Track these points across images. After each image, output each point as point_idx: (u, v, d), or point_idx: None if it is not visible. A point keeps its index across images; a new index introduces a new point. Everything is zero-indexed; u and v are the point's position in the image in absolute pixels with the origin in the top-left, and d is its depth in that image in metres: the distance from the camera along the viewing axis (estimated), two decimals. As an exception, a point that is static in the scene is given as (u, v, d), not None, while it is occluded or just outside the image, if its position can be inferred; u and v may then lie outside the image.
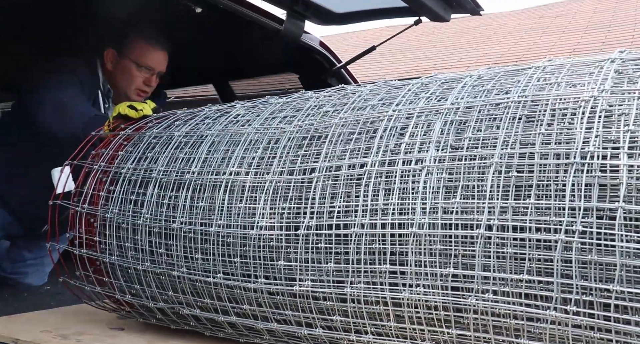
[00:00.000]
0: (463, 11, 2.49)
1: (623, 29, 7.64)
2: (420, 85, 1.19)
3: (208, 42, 2.79)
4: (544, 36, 8.28)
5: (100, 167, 1.51)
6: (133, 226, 1.40)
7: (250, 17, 2.43)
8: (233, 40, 2.77)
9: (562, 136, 0.87)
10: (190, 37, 2.66)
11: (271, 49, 2.69)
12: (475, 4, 2.42)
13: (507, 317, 0.89)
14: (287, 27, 2.51)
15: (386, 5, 2.57)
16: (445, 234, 0.95)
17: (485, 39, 8.97)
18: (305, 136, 1.24)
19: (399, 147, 1.06)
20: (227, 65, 3.22)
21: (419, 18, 2.51)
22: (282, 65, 3.14)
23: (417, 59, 8.50)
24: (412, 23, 2.57)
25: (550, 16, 9.66)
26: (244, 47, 2.80)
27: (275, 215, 1.19)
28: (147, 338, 1.43)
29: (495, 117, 0.98)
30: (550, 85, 0.96)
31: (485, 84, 1.09)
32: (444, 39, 9.48)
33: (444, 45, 9.11)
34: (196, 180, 1.33)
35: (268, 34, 2.55)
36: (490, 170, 0.91)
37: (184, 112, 1.66)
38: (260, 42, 2.66)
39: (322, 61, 2.87)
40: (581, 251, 0.81)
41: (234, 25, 2.57)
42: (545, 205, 0.86)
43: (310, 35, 2.79)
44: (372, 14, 2.68)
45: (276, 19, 2.55)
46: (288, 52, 2.75)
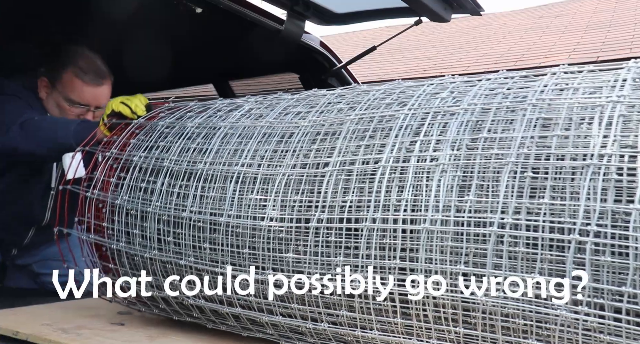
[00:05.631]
0: (463, 11, 2.50)
1: (623, 29, 7.64)
2: (436, 86, 1.20)
3: (208, 42, 2.79)
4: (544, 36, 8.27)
5: (112, 153, 1.52)
6: (142, 214, 1.41)
7: (250, 17, 2.43)
8: (233, 40, 2.77)
9: (580, 140, 0.87)
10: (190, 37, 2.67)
11: (271, 48, 2.69)
12: (475, 4, 2.42)
13: (516, 317, 0.89)
14: (288, 27, 2.52)
15: (386, 5, 2.57)
16: (457, 231, 0.95)
17: (485, 39, 8.96)
18: (319, 131, 1.24)
19: (414, 145, 1.06)
20: (227, 65, 3.22)
21: (419, 18, 2.52)
22: (282, 65, 3.15)
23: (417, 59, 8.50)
24: (412, 23, 2.57)
25: (550, 16, 9.65)
26: (244, 47, 2.79)
27: (280, 207, 1.19)
28: (148, 333, 1.43)
29: (511, 120, 0.98)
30: (568, 90, 0.96)
31: (501, 87, 1.09)
32: (444, 39, 9.48)
33: (444, 45, 9.11)
34: (208, 170, 1.33)
35: (268, 34, 2.55)
36: (505, 170, 0.91)
37: (195, 104, 1.66)
38: (260, 42, 2.65)
39: (322, 61, 2.88)
40: (594, 253, 0.81)
41: (234, 25, 2.57)
42: (559, 206, 0.86)
43: (310, 35, 2.80)
44: (372, 14, 2.68)
45: (276, 19, 2.56)
46: (288, 52, 2.75)
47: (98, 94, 1.99)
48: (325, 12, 2.63)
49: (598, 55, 6.64)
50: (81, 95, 1.97)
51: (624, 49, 6.67)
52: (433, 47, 9.10)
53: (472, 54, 8.11)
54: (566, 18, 9.19)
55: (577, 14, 9.28)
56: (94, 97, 1.98)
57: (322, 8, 2.58)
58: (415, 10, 2.43)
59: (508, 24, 9.70)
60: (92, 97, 1.98)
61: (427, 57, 8.47)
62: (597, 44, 7.15)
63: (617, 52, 6.62)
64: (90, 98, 1.97)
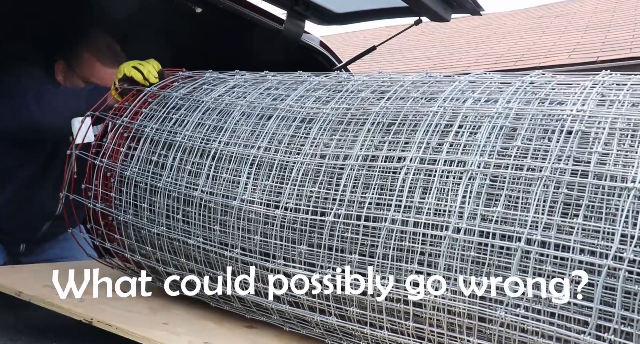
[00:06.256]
0: (463, 11, 2.48)
1: (623, 29, 7.60)
2: (468, 83, 1.15)
3: (208, 42, 2.76)
4: (544, 36, 8.26)
5: (123, 121, 1.48)
6: (151, 188, 1.38)
7: (250, 17, 2.40)
8: (233, 40, 2.74)
9: (620, 158, 0.84)
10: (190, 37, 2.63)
11: (271, 49, 2.66)
12: (475, 4, 2.40)
13: (536, 335, 0.88)
14: (287, 27, 2.50)
15: (386, 5, 2.55)
16: (482, 242, 0.93)
17: (485, 39, 8.95)
18: (342, 120, 1.20)
19: (442, 146, 1.03)
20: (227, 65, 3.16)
21: (419, 18, 2.49)
22: (282, 65, 3.10)
23: (417, 59, 8.49)
24: (412, 23, 2.55)
25: (550, 16, 9.61)
26: (244, 47, 2.76)
27: (295, 197, 1.15)
28: (150, 305, 1.42)
29: (547, 129, 0.95)
30: (611, 102, 0.92)
31: (538, 92, 1.05)
32: (444, 39, 9.45)
33: (444, 45, 9.10)
34: (222, 150, 1.29)
35: (268, 34, 2.53)
36: (538, 183, 0.88)
37: (212, 75, 1.62)
38: (260, 42, 2.63)
39: (322, 61, 2.85)
40: (626, 280, 0.79)
41: (234, 25, 2.54)
42: (594, 227, 0.83)
43: (310, 35, 2.77)
44: (372, 14, 2.66)
45: (276, 19, 2.53)
46: (288, 52, 2.72)
47: (110, 73, 1.97)
48: (325, 12, 2.60)
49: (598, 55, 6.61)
50: (99, 76, 1.98)
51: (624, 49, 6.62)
52: (433, 47, 9.06)
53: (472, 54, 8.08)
54: (566, 18, 9.13)
55: (577, 14, 9.21)
56: (106, 76, 1.98)
57: (322, 8, 2.55)
58: (415, 10, 2.41)
59: (508, 24, 9.65)
60: (109, 78, 1.96)
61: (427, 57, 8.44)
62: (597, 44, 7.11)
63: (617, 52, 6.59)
64: (107, 80, 1.97)
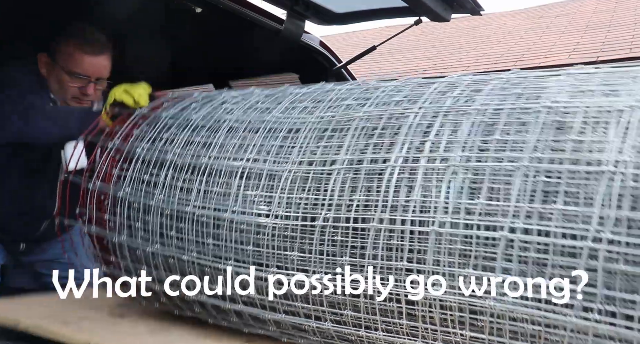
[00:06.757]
0: (463, 11, 2.49)
1: (623, 29, 7.64)
2: (447, 85, 1.18)
3: (208, 42, 2.78)
4: (544, 36, 8.28)
5: (115, 144, 1.50)
6: (144, 207, 1.39)
7: (250, 17, 2.43)
8: (233, 40, 2.77)
9: (595, 145, 0.86)
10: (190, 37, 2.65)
11: (271, 48, 2.68)
12: (475, 4, 2.42)
13: (525, 322, 0.89)
14: (287, 27, 2.52)
15: (386, 5, 2.57)
16: (467, 234, 0.94)
17: (485, 39, 8.96)
18: (327, 127, 1.23)
19: (424, 145, 1.05)
20: (227, 65, 3.21)
21: (419, 18, 2.51)
22: (282, 65, 3.14)
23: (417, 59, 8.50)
24: (412, 23, 2.57)
25: (550, 16, 9.65)
26: (244, 47, 2.79)
27: (285, 205, 1.17)
28: (149, 327, 1.42)
29: (524, 122, 0.97)
30: (584, 93, 0.95)
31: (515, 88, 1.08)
32: (444, 39, 9.47)
33: (444, 45, 9.11)
34: (212, 164, 1.31)
35: (268, 34, 2.55)
36: (517, 173, 0.90)
37: (200, 94, 1.65)
38: (260, 42, 2.65)
39: (322, 61, 2.88)
40: (607, 260, 0.80)
41: (234, 25, 2.56)
42: (572, 212, 0.85)
43: (310, 35, 2.79)
44: (372, 14, 2.68)
45: (276, 19, 2.55)
46: (288, 52, 2.74)
47: (97, 64, 2.01)
48: (325, 12, 2.62)
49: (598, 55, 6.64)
50: (81, 65, 1.99)
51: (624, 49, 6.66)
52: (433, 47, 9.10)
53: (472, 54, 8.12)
54: (566, 18, 9.18)
55: (577, 14, 9.27)
56: (94, 67, 2.00)
57: (322, 8, 2.57)
58: (415, 9, 2.43)
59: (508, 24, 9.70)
60: (91, 67, 2.00)
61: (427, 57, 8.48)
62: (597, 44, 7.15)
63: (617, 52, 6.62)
64: (90, 68, 1.99)
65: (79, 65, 1.98)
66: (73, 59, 1.98)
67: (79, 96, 2.02)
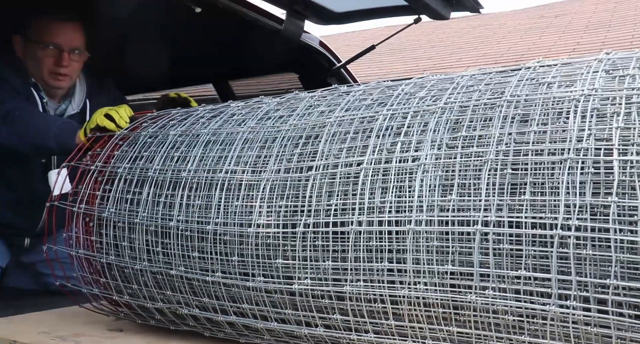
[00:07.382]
0: (463, 9, 2.49)
1: (623, 29, 7.64)
2: (414, 85, 1.20)
3: (208, 42, 2.78)
4: (544, 36, 8.28)
5: (97, 166, 1.51)
6: (129, 226, 1.40)
7: (250, 17, 2.42)
8: (233, 40, 2.77)
9: (557, 135, 0.88)
10: (190, 36, 2.65)
11: (271, 48, 2.68)
12: (475, 2, 2.41)
13: (506, 314, 0.90)
14: (287, 27, 2.51)
15: (386, 3, 2.57)
16: (443, 231, 0.96)
17: (485, 39, 8.96)
18: (302, 135, 1.24)
19: (395, 146, 1.06)
20: (227, 65, 3.21)
21: (418, 16, 2.51)
22: (282, 65, 3.14)
23: (416, 59, 8.50)
24: (411, 22, 2.57)
25: (550, 16, 9.64)
26: (244, 47, 2.79)
27: (273, 213, 1.19)
28: (146, 340, 1.43)
29: (489, 117, 0.98)
30: (543, 85, 0.96)
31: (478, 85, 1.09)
32: (444, 39, 9.47)
33: (444, 45, 9.10)
34: (192, 178, 1.33)
35: (268, 34, 2.55)
36: (485, 168, 0.91)
37: (178, 112, 1.66)
38: (260, 42, 2.65)
39: (322, 61, 2.88)
40: (576, 247, 0.82)
41: (234, 25, 2.56)
42: (540, 201, 0.86)
43: (310, 35, 2.79)
44: (372, 12, 2.68)
45: (276, 18, 2.55)
46: (288, 52, 2.74)
47: (67, 31, 2.01)
48: (324, 12, 2.62)
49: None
50: (51, 32, 1.99)
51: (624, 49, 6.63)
52: (433, 47, 9.08)
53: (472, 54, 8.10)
54: (566, 18, 9.16)
55: (577, 14, 9.25)
56: (64, 34, 2.00)
57: (322, 7, 2.57)
58: (415, 8, 2.42)
59: (508, 24, 9.68)
60: (61, 34, 1.99)
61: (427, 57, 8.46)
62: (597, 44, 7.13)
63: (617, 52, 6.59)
64: (60, 35, 1.99)
65: (49, 32, 1.98)
66: (43, 28, 1.99)
67: (55, 70, 2.00)
